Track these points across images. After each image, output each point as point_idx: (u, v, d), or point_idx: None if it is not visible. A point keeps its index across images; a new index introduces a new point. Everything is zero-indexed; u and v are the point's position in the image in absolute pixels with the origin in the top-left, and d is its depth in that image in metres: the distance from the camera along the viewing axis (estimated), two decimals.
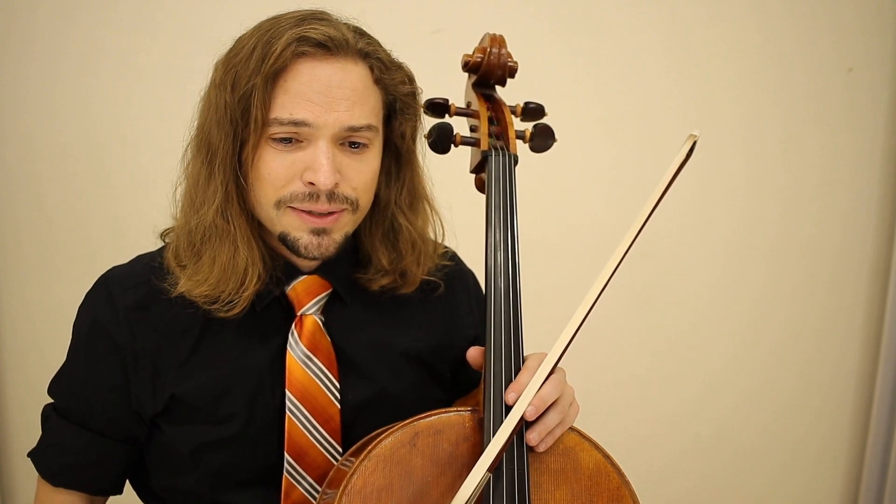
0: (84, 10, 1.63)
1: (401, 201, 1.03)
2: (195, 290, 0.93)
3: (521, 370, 0.86)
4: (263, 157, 0.90)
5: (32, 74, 1.64)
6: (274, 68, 0.86)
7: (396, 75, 0.95)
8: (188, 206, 0.96)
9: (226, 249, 0.93)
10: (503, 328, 0.88)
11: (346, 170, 0.92)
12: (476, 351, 0.93)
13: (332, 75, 0.88)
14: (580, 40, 1.81)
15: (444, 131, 0.99)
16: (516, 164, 0.98)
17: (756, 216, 1.94)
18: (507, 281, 0.90)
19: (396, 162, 1.02)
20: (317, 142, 0.89)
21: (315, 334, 0.98)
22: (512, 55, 1.02)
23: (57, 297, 1.72)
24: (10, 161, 1.67)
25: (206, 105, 0.94)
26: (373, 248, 1.03)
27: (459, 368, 1.11)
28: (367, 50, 0.92)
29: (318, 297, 1.00)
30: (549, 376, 0.84)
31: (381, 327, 1.04)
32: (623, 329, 1.93)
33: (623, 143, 1.86)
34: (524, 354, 0.89)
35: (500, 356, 0.87)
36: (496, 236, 0.92)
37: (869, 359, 2.04)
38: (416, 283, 1.05)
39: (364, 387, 1.01)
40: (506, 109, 1.02)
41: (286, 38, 0.87)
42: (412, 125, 0.99)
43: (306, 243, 0.93)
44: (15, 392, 1.75)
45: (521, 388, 0.83)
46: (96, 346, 0.98)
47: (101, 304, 0.98)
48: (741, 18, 1.84)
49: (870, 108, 1.91)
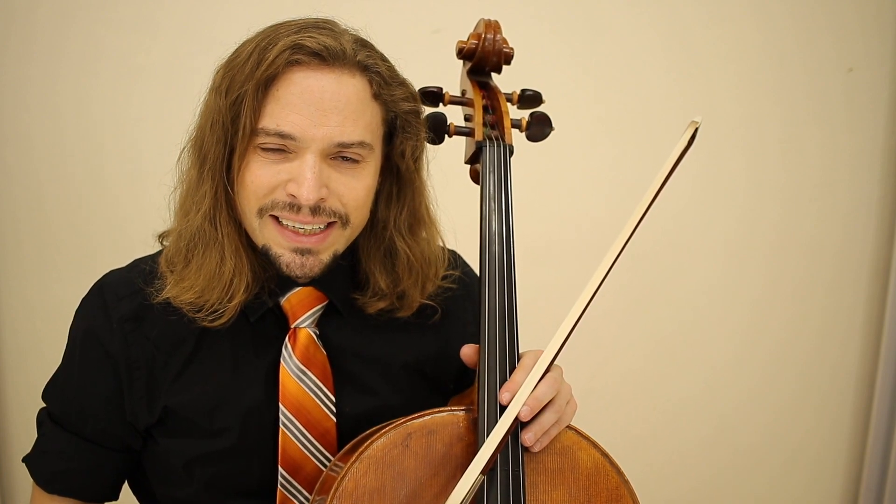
0: (84, 10, 1.63)
1: (400, 223, 0.98)
2: (180, 297, 0.91)
3: (516, 369, 0.85)
4: (250, 164, 0.87)
5: (32, 74, 1.64)
6: (266, 75, 0.84)
7: (397, 91, 0.91)
8: (181, 210, 0.95)
9: (213, 257, 0.91)
10: (497, 326, 0.86)
11: (334, 184, 0.88)
12: (470, 349, 0.91)
13: (326, 87, 0.85)
14: (580, 40, 1.80)
15: (436, 121, 0.97)
16: (512, 154, 0.95)
17: (756, 216, 1.94)
18: (501, 276, 0.88)
19: (397, 182, 0.98)
20: (304, 155, 0.86)
21: (309, 348, 0.96)
22: (507, 41, 0.99)
23: (57, 297, 1.71)
24: (10, 161, 1.67)
25: (204, 109, 0.92)
26: (370, 269, 0.99)
27: (462, 377, 1.10)
28: (366, 63, 0.88)
29: (312, 309, 0.97)
30: (545, 375, 0.83)
31: (379, 340, 1.02)
32: (623, 328, 1.93)
33: (623, 143, 1.85)
34: (519, 352, 0.87)
35: (494, 354, 0.85)
36: (490, 228, 0.90)
37: (869, 359, 2.03)
38: (413, 307, 1.01)
39: (362, 399, 0.99)
40: (501, 97, 0.99)
41: (281, 45, 0.84)
42: (413, 144, 0.95)
43: (288, 262, 0.90)
44: (15, 392, 1.75)
45: (516, 387, 0.81)
46: (89, 355, 0.97)
47: (96, 313, 0.97)
48: (741, 18, 1.84)
49: (870, 108, 1.91)
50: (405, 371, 1.03)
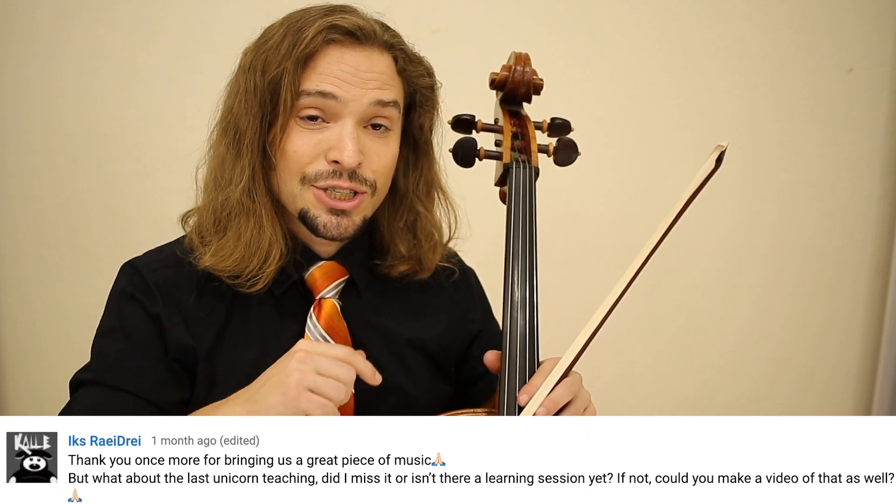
0: (84, 10, 1.63)
1: (419, 190, 1.06)
2: (220, 265, 0.95)
3: (535, 373, 0.87)
4: (290, 135, 0.93)
5: (32, 74, 1.64)
6: (305, 53, 0.90)
7: (418, 68, 0.99)
8: (212, 185, 0.98)
9: (251, 226, 0.95)
10: (519, 335, 0.89)
11: (368, 151, 0.94)
12: (493, 355, 0.94)
13: (361, 61, 0.92)
14: (579, 40, 1.81)
15: (467, 146, 1.03)
16: (537, 176, 1.01)
17: (756, 216, 1.94)
18: (524, 291, 0.91)
19: (414, 152, 1.05)
20: (343, 120, 0.92)
21: (333, 317, 1.00)
22: (537, 72, 1.05)
23: (57, 297, 1.72)
24: (10, 161, 1.67)
25: (233, 89, 0.97)
26: (392, 237, 1.06)
27: (462, 365, 1.14)
28: (392, 42, 0.96)
29: (336, 281, 1.02)
30: (563, 379, 0.85)
31: (390, 318, 1.06)
32: (623, 328, 1.93)
33: (623, 143, 1.86)
34: (540, 360, 0.90)
35: (514, 361, 0.88)
36: (515, 246, 0.94)
37: (869, 359, 2.04)
38: (431, 268, 1.08)
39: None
40: (530, 125, 1.05)
41: (317, 26, 0.90)
42: (430, 117, 1.03)
43: (325, 222, 0.95)
44: (15, 392, 1.76)
45: (534, 389, 0.84)
46: (131, 317, 0.97)
47: (131, 280, 0.98)
48: (741, 18, 1.84)
49: (870, 108, 1.91)
50: (410, 347, 1.07)
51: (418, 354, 1.07)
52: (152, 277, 0.98)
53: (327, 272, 1.02)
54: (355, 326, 1.02)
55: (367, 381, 0.84)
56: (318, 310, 1.00)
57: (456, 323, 1.12)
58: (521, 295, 0.91)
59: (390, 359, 1.05)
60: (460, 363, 1.14)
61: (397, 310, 1.08)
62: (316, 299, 1.01)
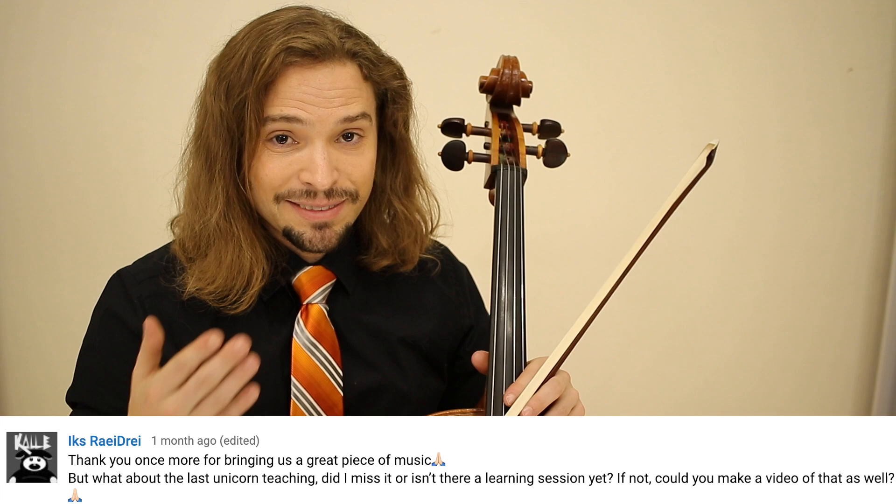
0: (84, 10, 1.63)
1: (396, 186, 1.05)
2: (205, 288, 0.95)
3: (522, 373, 0.88)
4: (261, 159, 0.92)
5: (32, 74, 1.64)
6: (264, 81, 0.88)
7: (386, 70, 0.97)
8: (191, 206, 0.97)
9: (231, 250, 0.95)
10: (506, 335, 0.90)
11: (343, 165, 0.93)
12: (481, 355, 0.95)
13: (323, 80, 0.90)
14: (579, 40, 1.81)
15: (455, 149, 1.02)
16: (525, 178, 1.01)
17: (756, 216, 1.94)
18: (511, 292, 0.92)
19: (391, 149, 1.04)
20: (313, 142, 0.91)
21: (320, 322, 1.00)
22: (526, 75, 1.05)
23: (57, 297, 1.72)
24: (10, 161, 1.67)
25: (202, 110, 0.96)
26: (373, 231, 1.06)
27: (454, 360, 1.14)
28: (354, 50, 0.93)
29: (322, 286, 1.02)
30: (550, 378, 0.85)
31: (381, 316, 1.07)
32: (622, 329, 1.93)
33: (623, 143, 1.86)
34: (527, 360, 0.90)
35: (501, 361, 0.89)
36: (503, 247, 0.95)
37: (869, 359, 2.04)
38: (414, 260, 1.08)
39: (367, 374, 1.03)
40: (519, 127, 1.05)
41: (274, 49, 0.88)
42: (404, 114, 1.02)
43: (310, 237, 0.95)
44: (15, 392, 1.76)
45: (520, 389, 0.85)
46: (113, 335, 0.98)
47: (116, 294, 0.99)
48: (741, 18, 1.84)
49: (870, 108, 1.91)
50: (403, 346, 1.07)
51: (410, 351, 1.08)
52: (136, 292, 0.98)
53: (314, 277, 1.02)
54: (345, 327, 1.03)
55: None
56: (306, 315, 1.00)
57: (447, 319, 1.13)
58: (508, 296, 0.91)
59: (383, 356, 1.05)
60: (452, 359, 1.14)
61: (386, 306, 1.08)
62: (303, 305, 1.01)
